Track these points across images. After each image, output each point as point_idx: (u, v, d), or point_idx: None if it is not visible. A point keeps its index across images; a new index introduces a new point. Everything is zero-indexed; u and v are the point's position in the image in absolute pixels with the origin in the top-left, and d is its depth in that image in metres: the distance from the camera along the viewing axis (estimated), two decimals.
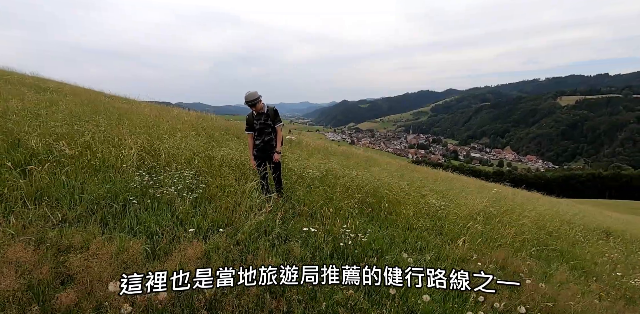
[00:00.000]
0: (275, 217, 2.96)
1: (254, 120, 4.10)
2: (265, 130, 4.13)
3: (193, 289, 1.73)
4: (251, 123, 4.11)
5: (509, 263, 3.42)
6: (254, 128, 4.12)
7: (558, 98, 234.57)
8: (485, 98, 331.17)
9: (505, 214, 5.72)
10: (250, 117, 4.12)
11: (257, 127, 4.10)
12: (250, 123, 4.12)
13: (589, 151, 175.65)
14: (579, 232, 7.14)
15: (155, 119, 7.90)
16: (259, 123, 4.09)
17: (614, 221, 13.33)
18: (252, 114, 4.10)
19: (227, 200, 3.20)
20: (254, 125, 4.11)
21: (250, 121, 4.11)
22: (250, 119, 4.11)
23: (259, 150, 4.15)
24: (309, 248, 2.61)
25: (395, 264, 2.65)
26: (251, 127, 4.13)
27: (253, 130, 4.14)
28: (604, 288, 4.16)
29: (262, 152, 4.16)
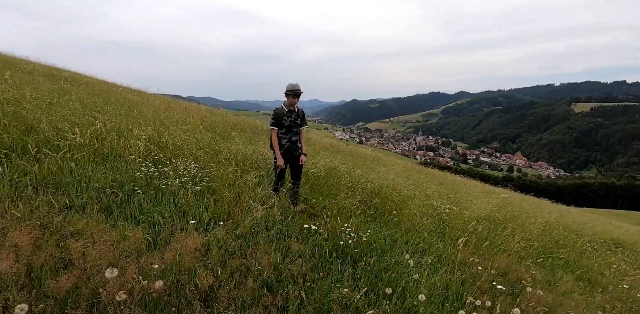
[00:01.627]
0: (276, 213, 2.96)
1: (284, 116, 3.73)
2: (294, 129, 3.84)
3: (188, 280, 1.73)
4: (280, 119, 3.73)
5: (511, 270, 3.37)
6: (282, 124, 3.74)
7: (572, 105, 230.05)
8: (497, 102, 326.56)
9: (511, 220, 5.63)
10: (281, 111, 3.75)
11: (286, 124, 3.75)
12: (279, 118, 3.73)
13: (602, 160, 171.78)
14: (587, 242, 7.00)
15: (166, 112, 7.99)
16: (288, 120, 3.76)
17: (624, 232, 13.01)
18: (283, 109, 3.77)
19: (229, 194, 3.21)
20: (282, 121, 3.74)
21: (280, 116, 3.72)
22: (280, 114, 3.73)
23: (285, 150, 3.80)
24: (309, 245, 2.60)
25: (396, 266, 2.63)
26: (279, 122, 3.74)
27: (281, 126, 3.76)
28: (609, 300, 4.07)
29: (288, 153, 3.82)
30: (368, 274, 2.38)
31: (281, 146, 3.78)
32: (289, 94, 3.69)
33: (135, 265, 1.83)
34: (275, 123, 3.74)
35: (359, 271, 2.41)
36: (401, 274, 2.48)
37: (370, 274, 2.40)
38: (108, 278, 1.53)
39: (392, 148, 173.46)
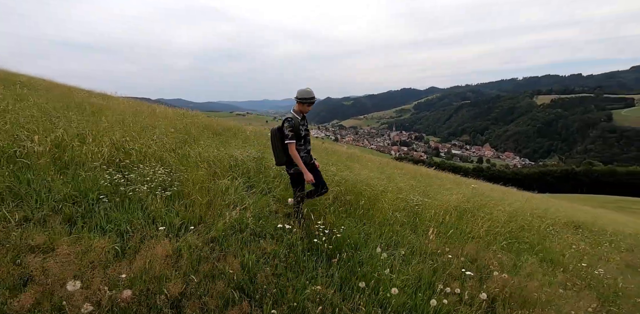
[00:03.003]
0: (249, 217, 2.95)
1: (300, 126, 3.31)
2: (308, 138, 3.49)
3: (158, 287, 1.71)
4: (298, 130, 3.28)
5: (480, 256, 3.54)
6: (300, 135, 3.33)
7: (535, 97, 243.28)
8: (466, 96, 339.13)
9: (480, 209, 5.90)
10: (296, 121, 3.27)
11: (303, 133, 3.39)
12: (297, 129, 3.27)
13: (562, 148, 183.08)
14: (550, 225, 7.45)
15: (132, 116, 7.70)
16: (304, 129, 3.39)
17: (584, 214, 13.95)
18: (297, 118, 3.31)
19: (201, 198, 3.17)
20: (300, 132, 3.32)
21: (297, 126, 3.27)
22: (296, 124, 3.26)
23: (304, 163, 3.39)
24: (284, 245, 2.62)
25: (370, 259, 2.71)
26: (297, 133, 3.29)
27: (298, 138, 3.33)
28: (570, 278, 4.37)
29: (307, 165, 3.44)
30: (343, 270, 2.44)
31: (301, 158, 3.37)
32: (305, 102, 3.31)
33: (101, 276, 1.77)
34: (293, 136, 3.25)
35: (333, 267, 2.46)
36: (375, 267, 2.55)
37: (345, 270, 2.46)
38: (71, 291, 1.48)
39: (367, 144, 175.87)
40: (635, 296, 4.49)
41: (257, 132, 11.22)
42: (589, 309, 3.17)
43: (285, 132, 3.24)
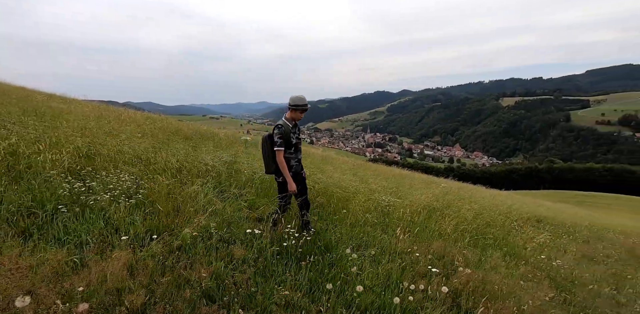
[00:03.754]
0: (211, 224, 2.91)
1: (290, 133, 3.23)
2: (300, 147, 3.40)
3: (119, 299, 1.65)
4: (288, 137, 3.20)
5: (447, 253, 3.68)
6: (290, 143, 3.23)
7: (500, 99, 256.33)
8: (437, 99, 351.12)
9: (448, 207, 6.12)
10: (287, 128, 3.20)
11: (294, 141, 3.28)
12: (287, 136, 3.19)
13: (527, 147, 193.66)
14: (514, 221, 7.85)
15: (96, 120, 7.36)
16: (295, 137, 3.29)
17: (545, 209, 14.79)
18: (288, 125, 3.23)
19: (168, 205, 3.09)
20: (290, 140, 3.23)
21: (288, 134, 3.19)
22: (287, 131, 3.18)
23: (295, 172, 3.31)
24: (254, 250, 2.60)
25: (340, 261, 2.75)
26: (287, 141, 3.20)
27: (288, 145, 3.23)
28: (531, 270, 4.63)
29: (297, 174, 3.35)
30: (312, 272, 2.46)
31: (290, 167, 3.26)
32: (298, 109, 3.22)
33: (56, 290, 1.69)
34: (282, 143, 3.16)
35: (303, 270, 2.48)
36: (345, 268, 2.59)
37: (314, 272, 2.48)
38: (20, 308, 1.40)
39: (342, 146, 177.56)
40: (589, 284, 4.82)
41: (230, 135, 11.07)
42: (546, 298, 3.37)
43: (274, 139, 3.14)
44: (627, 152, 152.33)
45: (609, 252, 8.15)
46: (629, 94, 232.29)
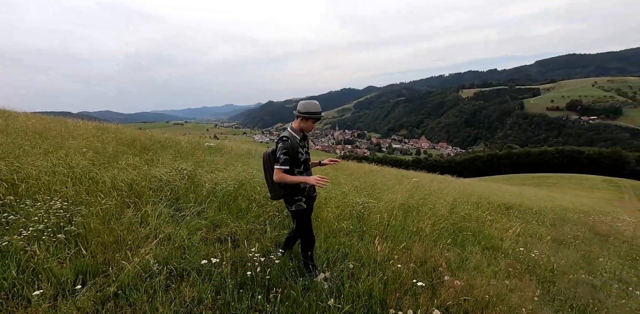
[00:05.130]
0: (167, 249, 2.46)
1: (299, 147, 2.55)
2: (310, 163, 2.73)
3: None
4: (296, 152, 2.52)
5: (428, 257, 3.46)
6: (298, 160, 2.55)
7: (460, 91, 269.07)
8: (401, 93, 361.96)
9: (423, 204, 5.98)
10: (294, 141, 2.52)
11: (303, 157, 2.59)
12: (294, 152, 2.51)
13: (486, 135, 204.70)
14: (486, 211, 7.93)
15: (36, 136, 6.49)
16: (304, 151, 2.63)
17: (511, 195, 15.35)
18: (295, 137, 2.55)
19: (107, 236, 2.60)
20: (299, 156, 2.54)
21: (295, 149, 2.51)
22: (294, 145, 2.51)
23: (308, 198, 2.66)
24: (211, 284, 2.19)
25: (314, 285, 2.41)
26: (294, 158, 2.52)
27: (297, 163, 2.56)
28: (511, 264, 4.56)
29: (311, 200, 2.71)
30: (282, 305, 2.10)
31: (301, 191, 2.59)
32: (310, 118, 2.53)
33: None
34: (287, 161, 2.45)
35: (272, 302, 2.11)
36: (320, 294, 2.26)
37: (287, 304, 2.12)
38: None
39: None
40: (567, 272, 4.85)
41: (194, 142, 10.38)
42: (534, 298, 3.25)
43: (277, 154, 2.47)
44: (575, 135, 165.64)
45: (576, 233, 8.47)
46: (574, 81, 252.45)
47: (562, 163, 78.40)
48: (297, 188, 2.57)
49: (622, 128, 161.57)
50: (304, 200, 2.60)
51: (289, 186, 2.53)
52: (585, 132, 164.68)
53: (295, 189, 2.57)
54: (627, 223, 13.44)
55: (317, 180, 2.36)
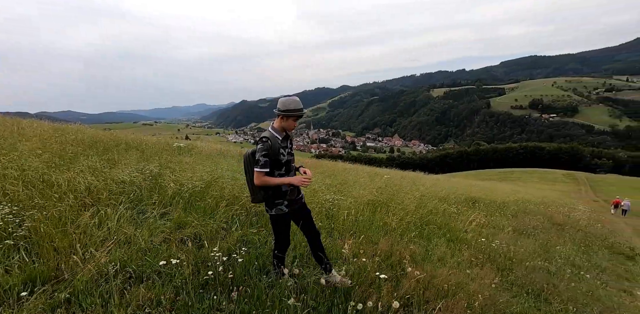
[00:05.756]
0: (127, 251, 2.38)
1: (280, 148, 2.42)
2: (293, 164, 2.58)
3: None
4: (277, 154, 2.39)
5: (394, 251, 3.56)
6: (279, 162, 2.43)
7: (431, 91, 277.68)
8: (374, 92, 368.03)
9: (392, 199, 6.13)
10: (275, 141, 2.40)
11: (285, 159, 2.46)
12: (275, 153, 2.38)
13: (456, 133, 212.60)
14: (453, 205, 8.24)
15: None
16: (286, 153, 2.49)
17: (478, 189, 16.05)
18: (276, 137, 2.44)
19: (61, 240, 2.48)
20: (279, 157, 2.42)
21: (276, 149, 2.39)
22: (275, 146, 2.38)
23: (290, 202, 2.51)
24: (171, 286, 2.14)
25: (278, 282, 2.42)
26: (275, 160, 2.40)
27: (278, 165, 2.43)
28: (473, 254, 4.78)
29: (293, 203, 2.55)
30: (244, 303, 2.09)
31: (282, 195, 2.46)
32: (291, 115, 2.42)
33: None
34: (267, 164, 2.34)
35: (233, 302, 2.09)
36: (283, 290, 2.27)
37: (248, 303, 2.11)
38: None
39: None
40: (524, 260, 5.15)
41: (163, 143, 10.04)
42: (492, 284, 3.43)
43: (257, 156, 2.35)
44: (537, 132, 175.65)
45: (535, 223, 9.00)
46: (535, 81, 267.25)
47: (525, 159, 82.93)
48: (279, 191, 2.45)
49: (578, 125, 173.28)
50: (286, 203, 2.48)
51: (270, 189, 2.42)
52: (546, 129, 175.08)
53: (277, 192, 2.45)
54: (582, 213, 14.44)
55: (302, 181, 2.35)
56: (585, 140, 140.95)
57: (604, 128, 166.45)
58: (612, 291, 5.36)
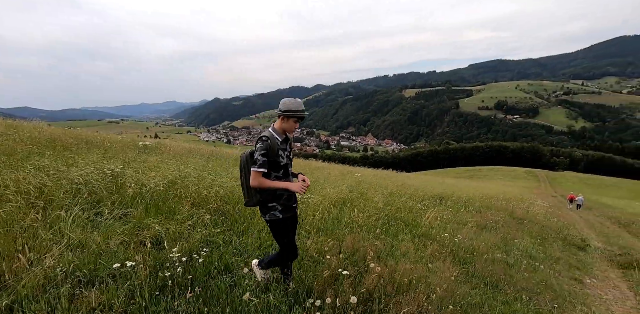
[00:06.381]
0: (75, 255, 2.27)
1: (278, 150, 2.35)
2: (290, 169, 2.50)
3: None
4: (276, 156, 2.32)
5: (359, 247, 3.63)
6: (277, 164, 2.35)
7: (403, 91, 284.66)
8: (349, 92, 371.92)
9: (361, 197, 6.23)
10: (274, 142, 2.32)
11: (283, 161, 2.39)
12: (274, 154, 2.30)
13: (427, 132, 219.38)
14: (421, 202, 8.49)
15: None
16: (285, 155, 2.42)
17: (446, 187, 16.64)
18: (276, 139, 2.37)
19: (7, 244, 2.32)
20: (278, 159, 2.35)
21: (274, 150, 2.31)
22: (274, 147, 2.30)
23: (284, 207, 2.42)
24: (125, 289, 2.06)
25: (241, 280, 2.40)
26: (274, 162, 2.32)
27: (275, 167, 2.35)
28: (437, 249, 4.95)
29: (288, 209, 2.46)
30: (202, 303, 2.04)
31: (277, 197, 2.37)
32: (292, 117, 2.35)
33: None
34: (265, 163, 2.26)
35: (191, 302, 2.04)
36: (244, 288, 2.25)
37: (208, 302, 2.07)
38: None
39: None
40: (484, 253, 5.40)
41: (128, 141, 9.60)
42: (451, 277, 3.57)
43: (255, 155, 2.26)
44: (502, 131, 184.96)
45: (497, 218, 9.46)
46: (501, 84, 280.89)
47: (491, 157, 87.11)
48: (273, 194, 2.35)
49: (539, 125, 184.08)
50: (280, 208, 2.39)
51: (265, 192, 2.32)
52: (510, 129, 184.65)
53: (272, 195, 2.35)
54: (540, 207, 15.37)
55: (301, 188, 2.24)
56: (545, 139, 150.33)
57: (561, 129, 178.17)
58: (564, 280, 5.75)
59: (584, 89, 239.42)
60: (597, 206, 26.01)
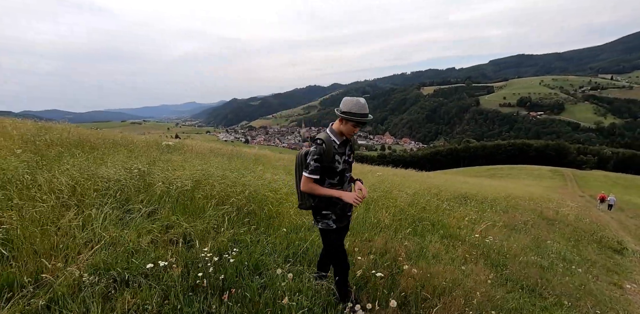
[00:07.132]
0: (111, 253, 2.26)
1: (335, 154, 2.15)
2: (347, 175, 2.28)
3: None
4: (331, 160, 2.12)
5: (388, 248, 3.51)
6: (333, 170, 2.16)
7: (421, 89, 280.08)
8: (365, 90, 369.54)
9: (385, 196, 6.09)
10: (330, 146, 2.11)
11: (340, 167, 2.18)
12: (329, 159, 2.11)
13: (446, 130, 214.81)
14: (445, 201, 8.25)
15: None
16: (342, 160, 2.20)
17: (469, 186, 16.18)
18: (333, 142, 2.16)
19: (42, 242, 2.35)
20: (334, 165, 2.15)
21: (330, 155, 2.11)
22: (329, 151, 2.10)
23: (339, 216, 2.26)
24: (158, 290, 2.03)
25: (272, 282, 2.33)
26: (329, 167, 2.13)
27: (331, 173, 2.16)
28: (467, 250, 4.77)
29: (343, 219, 2.30)
30: (237, 306, 1.99)
31: (332, 204, 2.20)
32: (352, 120, 2.09)
33: None
34: (317, 169, 2.08)
35: (225, 304, 1.99)
36: (277, 291, 2.18)
37: (242, 305, 2.02)
38: None
39: (278, 143, 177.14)
40: (518, 255, 5.16)
41: (151, 141, 9.81)
42: (488, 281, 3.40)
43: (308, 160, 2.09)
44: (525, 129, 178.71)
45: (526, 219, 9.09)
46: (523, 80, 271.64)
47: (513, 155, 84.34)
48: (328, 202, 2.17)
49: (564, 122, 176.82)
50: (334, 218, 2.20)
51: (318, 198, 2.15)
52: (533, 126, 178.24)
53: (326, 203, 2.17)
54: (570, 208, 14.69)
55: (356, 199, 2.02)
56: (571, 137, 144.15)
57: (589, 126, 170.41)
58: (602, 285, 5.43)
59: (614, 84, 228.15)
60: (630, 206, 24.69)
